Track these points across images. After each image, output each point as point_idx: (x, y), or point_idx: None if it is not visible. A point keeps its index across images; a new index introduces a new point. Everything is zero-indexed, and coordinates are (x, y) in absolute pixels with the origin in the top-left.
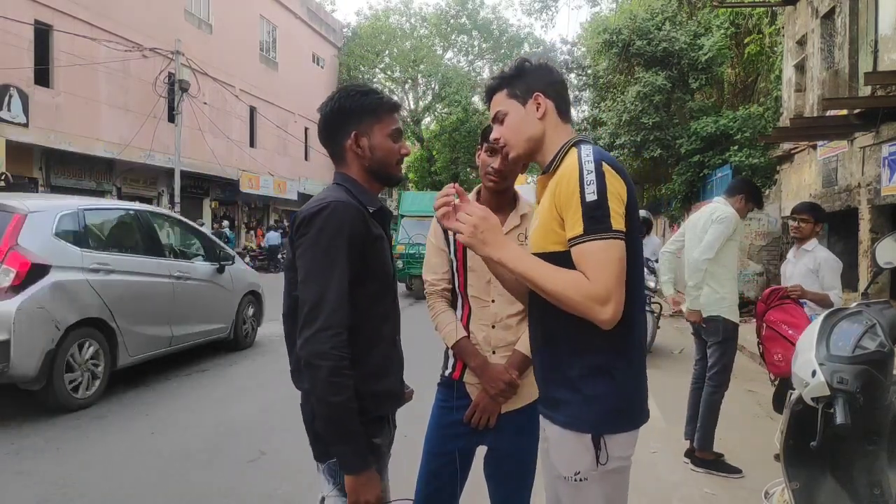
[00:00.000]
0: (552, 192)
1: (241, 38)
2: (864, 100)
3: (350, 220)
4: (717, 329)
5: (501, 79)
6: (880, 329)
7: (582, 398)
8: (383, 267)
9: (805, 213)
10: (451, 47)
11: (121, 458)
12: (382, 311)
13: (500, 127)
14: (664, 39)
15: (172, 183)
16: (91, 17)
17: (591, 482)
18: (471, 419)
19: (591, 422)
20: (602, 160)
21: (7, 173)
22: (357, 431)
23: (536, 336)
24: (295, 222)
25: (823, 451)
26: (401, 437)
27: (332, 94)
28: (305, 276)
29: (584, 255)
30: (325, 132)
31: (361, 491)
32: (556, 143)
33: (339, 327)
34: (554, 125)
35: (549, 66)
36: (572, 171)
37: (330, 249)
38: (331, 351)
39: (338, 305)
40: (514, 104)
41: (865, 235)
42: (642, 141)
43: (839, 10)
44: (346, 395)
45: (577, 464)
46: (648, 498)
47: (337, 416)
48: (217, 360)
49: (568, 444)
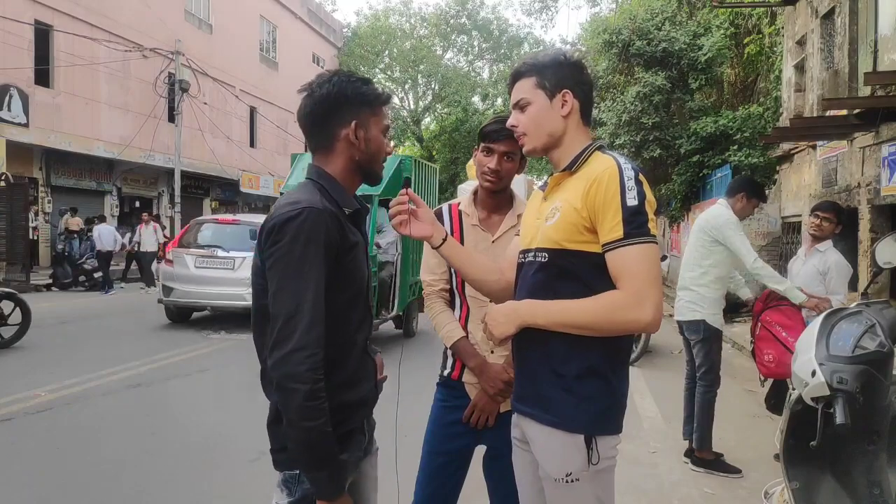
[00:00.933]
0: (583, 193)
1: (241, 38)
2: (863, 100)
3: (325, 229)
4: (698, 328)
5: (533, 66)
6: (880, 329)
7: (575, 399)
8: (358, 273)
9: (829, 212)
10: (451, 47)
11: (121, 458)
12: (356, 319)
13: (520, 115)
14: (664, 39)
15: (172, 183)
16: (91, 17)
17: (583, 482)
18: (469, 418)
19: (584, 422)
20: (638, 170)
21: (7, 173)
22: (333, 455)
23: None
24: (265, 228)
25: (823, 451)
26: (401, 437)
27: (328, 77)
28: (277, 289)
29: (623, 258)
30: (316, 117)
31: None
32: (575, 143)
33: (314, 347)
34: (576, 125)
35: (583, 65)
36: (611, 175)
37: (304, 261)
38: (306, 373)
39: (313, 323)
40: (540, 95)
41: (865, 235)
42: (642, 141)
43: (839, 10)
44: (321, 419)
45: (568, 464)
46: (648, 498)
47: (313, 442)
48: (217, 360)
49: (557, 444)
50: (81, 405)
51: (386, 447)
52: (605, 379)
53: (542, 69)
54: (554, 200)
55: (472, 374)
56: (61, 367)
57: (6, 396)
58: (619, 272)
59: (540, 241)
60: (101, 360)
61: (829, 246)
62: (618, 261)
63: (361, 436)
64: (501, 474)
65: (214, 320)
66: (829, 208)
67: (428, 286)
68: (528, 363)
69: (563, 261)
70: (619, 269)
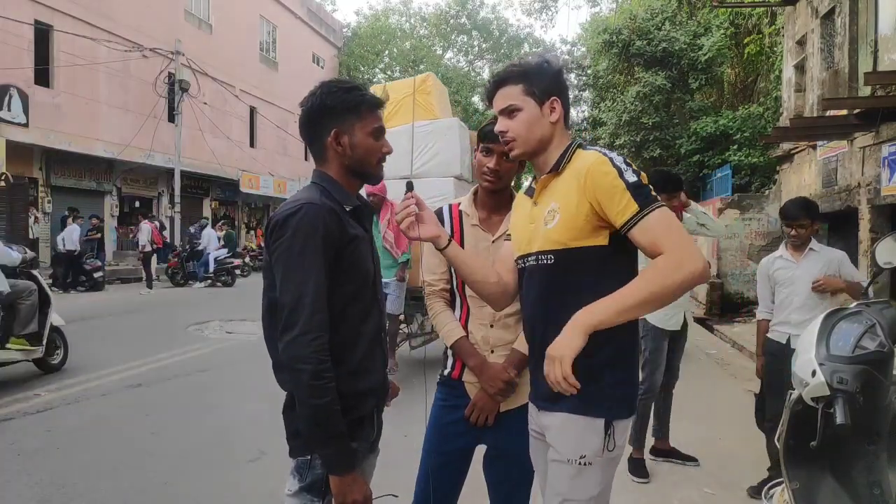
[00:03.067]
0: (579, 188)
1: (241, 38)
2: (863, 100)
3: (323, 222)
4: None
5: (521, 73)
6: (880, 329)
7: (600, 385)
8: (361, 266)
9: (801, 218)
10: (451, 47)
11: (121, 458)
12: (361, 310)
13: (508, 121)
14: (664, 39)
15: (172, 183)
16: (91, 17)
17: (595, 467)
18: (469, 416)
19: (606, 407)
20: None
21: (7, 173)
22: (342, 433)
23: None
24: (269, 226)
25: (823, 451)
26: (401, 436)
27: (314, 90)
28: (282, 280)
29: (650, 228)
30: (306, 129)
31: (348, 491)
32: (560, 146)
33: (318, 331)
34: (561, 131)
35: (563, 71)
36: (600, 164)
37: (304, 252)
38: (312, 354)
39: (316, 309)
40: (530, 102)
41: (865, 235)
42: (642, 141)
43: (839, 10)
44: (329, 396)
45: (584, 447)
46: (648, 498)
47: (321, 419)
48: (217, 360)
49: (576, 428)
50: (81, 405)
51: (387, 448)
52: (630, 365)
53: (530, 76)
54: (547, 203)
55: (473, 374)
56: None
57: (6, 396)
58: (651, 241)
59: (541, 244)
60: (101, 360)
61: (820, 245)
62: (645, 232)
63: (370, 428)
64: (501, 474)
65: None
66: (799, 214)
67: (428, 286)
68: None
69: (570, 259)
70: (650, 238)
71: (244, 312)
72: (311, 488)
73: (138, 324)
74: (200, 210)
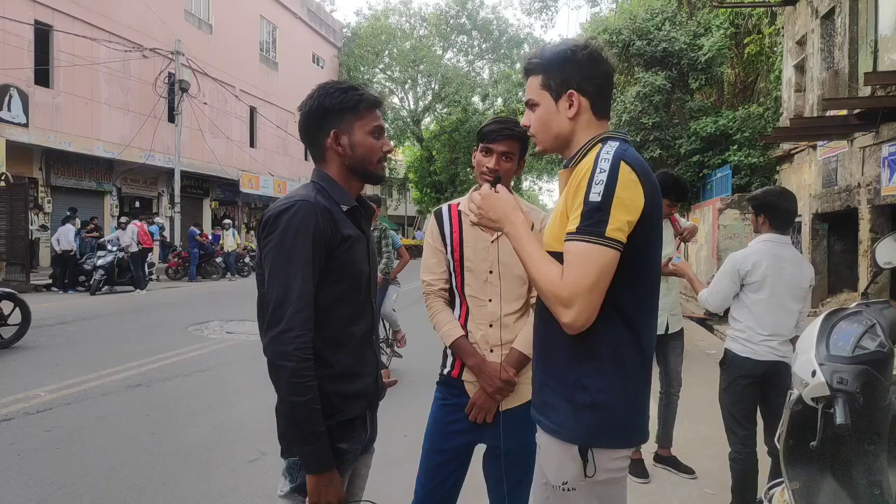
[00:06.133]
0: (566, 190)
1: (241, 39)
2: (863, 100)
3: (315, 220)
4: None
5: (540, 63)
6: (880, 329)
7: (572, 406)
8: (354, 266)
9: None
10: (451, 47)
11: (121, 458)
12: (352, 311)
13: (530, 114)
14: (664, 39)
15: (172, 183)
16: (91, 17)
17: (579, 492)
18: (469, 414)
19: (579, 433)
20: (622, 159)
21: (7, 173)
22: (320, 432)
23: (538, 334)
24: (262, 221)
25: (823, 451)
26: (401, 436)
27: (312, 93)
28: (270, 276)
29: (568, 252)
30: (305, 132)
31: (323, 491)
32: (582, 142)
33: (302, 328)
34: (586, 124)
35: (595, 57)
36: (587, 168)
37: (293, 249)
38: (293, 352)
39: (301, 306)
40: (546, 97)
41: (865, 235)
42: (642, 141)
43: (839, 11)
44: (308, 395)
45: (564, 473)
46: (648, 498)
47: (299, 417)
48: (217, 360)
49: (555, 452)
50: (81, 405)
51: (387, 447)
52: (610, 390)
53: (548, 67)
54: (557, 202)
55: (472, 373)
56: (61, 367)
57: (6, 396)
58: (565, 265)
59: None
60: (101, 360)
61: (759, 239)
62: (567, 253)
63: (363, 430)
64: (501, 473)
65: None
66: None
67: (427, 286)
68: (537, 365)
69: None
70: (566, 262)
71: (244, 312)
72: (301, 489)
73: (138, 324)
74: (200, 210)
